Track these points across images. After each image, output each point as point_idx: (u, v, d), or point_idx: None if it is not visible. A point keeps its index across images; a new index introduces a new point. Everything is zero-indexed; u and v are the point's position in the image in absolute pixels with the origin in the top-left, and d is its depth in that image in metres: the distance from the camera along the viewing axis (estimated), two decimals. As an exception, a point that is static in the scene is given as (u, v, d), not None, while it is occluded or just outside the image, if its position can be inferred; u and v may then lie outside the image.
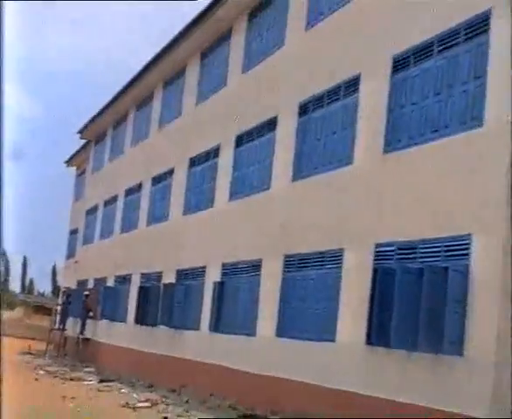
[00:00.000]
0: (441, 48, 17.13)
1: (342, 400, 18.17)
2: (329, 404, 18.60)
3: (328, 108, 21.33)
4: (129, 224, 38.70)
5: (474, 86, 15.92)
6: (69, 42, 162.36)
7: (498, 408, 14.14)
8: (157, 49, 34.90)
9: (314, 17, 23.02)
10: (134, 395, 23.58)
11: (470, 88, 16.07)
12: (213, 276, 26.89)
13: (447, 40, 16.94)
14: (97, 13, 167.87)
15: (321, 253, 20.43)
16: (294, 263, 21.80)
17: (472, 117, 15.82)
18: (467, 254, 15.26)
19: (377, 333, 17.35)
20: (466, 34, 16.42)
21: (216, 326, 26.08)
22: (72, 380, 28.40)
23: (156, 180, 35.21)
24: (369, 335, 17.63)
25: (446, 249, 15.89)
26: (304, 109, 22.60)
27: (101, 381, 28.38)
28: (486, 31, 15.81)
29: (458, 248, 15.51)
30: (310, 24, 23.22)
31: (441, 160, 16.59)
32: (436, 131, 16.85)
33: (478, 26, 16.05)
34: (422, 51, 17.73)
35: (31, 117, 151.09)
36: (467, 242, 15.31)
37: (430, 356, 15.73)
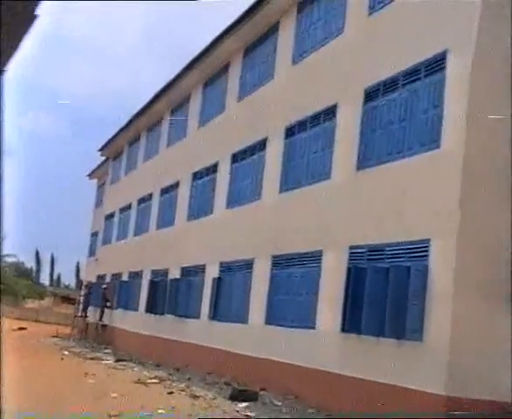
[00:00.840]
0: (405, 82, 17.19)
1: (321, 378, 18.22)
2: (309, 381, 18.65)
3: (310, 131, 21.38)
4: (141, 228, 38.67)
5: (433, 114, 15.98)
6: (93, 74, 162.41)
7: (451, 385, 14.21)
8: (166, 80, 35.26)
9: (299, 54, 23.08)
10: (145, 373, 23.54)
11: (429, 116, 16.13)
12: (212, 272, 26.90)
13: (410, 76, 17.01)
14: (112, 49, 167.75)
15: (303, 254, 20.47)
16: (280, 262, 21.82)
17: (431, 140, 15.87)
18: (426, 256, 15.31)
19: (350, 322, 17.39)
20: (426, 71, 16.50)
21: (214, 314, 26.09)
22: (92, 359, 28.35)
23: (164, 191, 35.20)
24: (343, 323, 17.66)
25: (408, 251, 15.93)
26: (290, 132, 22.65)
27: (117, 360, 28.31)
28: (442, 69, 15.88)
29: (418, 250, 15.55)
30: (296, 59, 23.27)
31: (405, 176, 16.64)
32: (400, 152, 16.89)
33: (436, 64, 16.13)
34: (389, 85, 17.79)
35: (60, 139, 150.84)
36: (426, 245, 15.36)
37: (394, 341, 15.78)
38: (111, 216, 46.55)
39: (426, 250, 15.33)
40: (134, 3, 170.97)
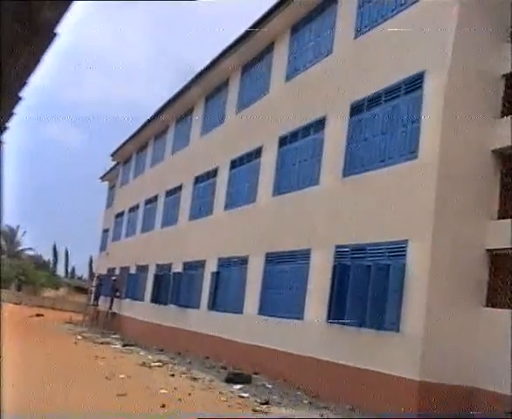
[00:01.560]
0: (387, 98, 17.23)
1: (308, 363, 18.25)
2: (298, 367, 18.68)
3: (301, 141, 21.41)
4: (147, 226, 38.65)
5: (411, 128, 16.02)
6: (105, 87, 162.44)
7: (424, 371, 14.25)
8: (171, 93, 35.42)
9: (292, 71, 23.11)
10: (149, 357, 23.54)
11: (408, 129, 16.16)
12: (211, 267, 26.90)
13: (392, 92, 17.05)
14: (123, 64, 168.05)
15: (293, 252, 20.49)
16: (273, 259, 21.83)
17: (409, 151, 15.91)
18: (403, 255, 15.34)
19: (335, 313, 17.42)
20: (405, 88, 16.53)
21: (212, 305, 26.09)
22: (102, 344, 28.33)
23: (169, 193, 35.20)
24: (328, 315, 17.69)
25: (388, 250, 15.96)
26: (283, 142, 22.67)
27: (124, 345, 28.28)
28: (420, 87, 15.92)
29: (397, 250, 15.59)
30: (289, 76, 23.30)
31: (386, 182, 16.68)
32: (382, 161, 16.93)
33: (414, 83, 16.17)
34: (373, 100, 17.83)
35: (76, 145, 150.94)
36: (404, 246, 15.40)
37: (374, 331, 15.81)
38: (120, 215, 46.55)
39: (404, 250, 15.37)
40: (144, 23, 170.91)
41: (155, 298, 33.58)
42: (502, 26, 16.11)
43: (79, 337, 31.05)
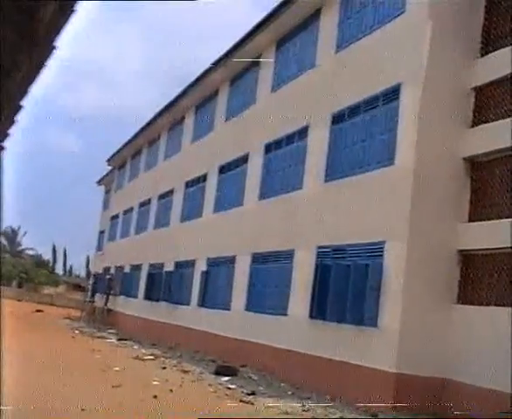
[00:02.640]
0: (366, 109, 17.27)
1: (291, 357, 18.26)
2: (282, 360, 18.68)
3: (286, 148, 21.42)
4: (141, 228, 38.57)
5: (389, 136, 16.07)
6: (102, 96, 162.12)
7: (400, 364, 14.29)
8: (164, 103, 35.38)
9: (277, 83, 23.13)
10: (143, 351, 23.48)
11: (386, 137, 16.21)
12: (201, 266, 26.86)
13: (370, 103, 17.09)
14: (118, 75, 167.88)
15: (278, 252, 20.49)
16: (258, 258, 21.83)
17: (387, 158, 15.96)
18: (381, 255, 15.38)
19: (317, 310, 17.46)
20: (383, 100, 16.59)
21: (202, 302, 26.05)
22: (98, 338, 28.26)
23: (161, 197, 35.13)
24: (311, 311, 17.72)
25: (367, 251, 15.99)
26: (268, 149, 22.68)
27: (119, 339, 28.21)
28: (397, 98, 15.98)
29: (375, 251, 15.62)
30: (274, 88, 23.33)
31: (365, 188, 16.72)
32: (362, 167, 16.97)
33: (392, 95, 16.22)
34: (353, 110, 17.86)
35: (74, 151, 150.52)
36: (381, 246, 15.43)
37: (354, 327, 15.85)
38: (116, 217, 46.41)
39: (382, 251, 15.41)
40: (139, 36, 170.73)
41: (148, 296, 33.51)
42: (473, 43, 16.22)
43: (77, 332, 30.97)
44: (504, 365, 13.35)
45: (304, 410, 13.42)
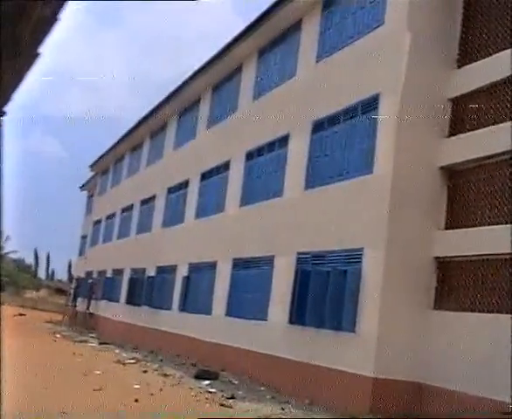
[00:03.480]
0: (346, 118, 17.33)
1: (271, 361, 18.24)
2: (262, 364, 18.66)
3: (267, 156, 21.45)
4: (123, 233, 38.44)
5: (368, 145, 16.12)
6: (85, 103, 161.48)
7: (378, 368, 14.32)
8: (147, 108, 35.37)
9: (259, 92, 23.16)
10: (124, 354, 23.39)
11: (364, 146, 16.27)
12: (182, 272, 26.79)
13: (350, 112, 17.15)
14: (101, 82, 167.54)
15: (259, 258, 20.48)
16: (239, 264, 21.81)
17: (365, 166, 16.00)
18: (360, 261, 15.41)
19: (296, 315, 17.46)
20: (362, 109, 16.64)
21: (183, 307, 25.99)
22: (79, 342, 28.10)
23: (143, 202, 35.02)
24: (290, 316, 17.71)
25: (345, 257, 16.03)
26: (250, 156, 22.70)
27: (101, 343, 28.07)
28: (376, 108, 16.04)
29: (354, 257, 15.65)
30: (255, 96, 23.36)
31: (344, 195, 16.76)
32: (341, 175, 17.01)
33: (370, 104, 16.28)
34: (332, 119, 17.91)
35: (57, 156, 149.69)
36: (360, 253, 15.47)
37: (333, 332, 15.86)
38: (98, 222, 46.23)
39: (360, 257, 15.44)
40: (120, 44, 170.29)
41: (130, 300, 33.38)
42: (450, 55, 16.34)
43: (59, 335, 30.79)
44: (479, 369, 13.43)
45: (283, 414, 13.41)
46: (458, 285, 15.03)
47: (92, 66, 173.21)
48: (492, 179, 14.71)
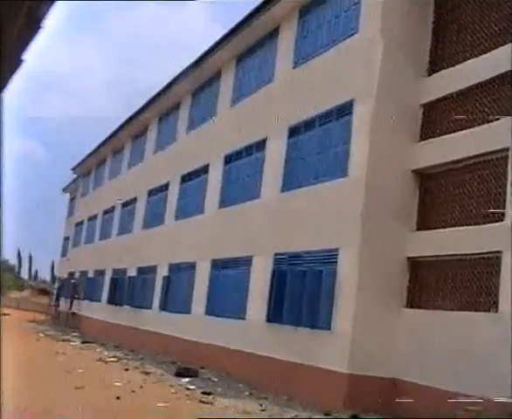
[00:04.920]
0: (321, 122, 17.40)
1: (249, 359, 18.25)
2: (240, 362, 18.67)
3: (245, 159, 21.46)
4: (105, 234, 38.25)
5: (342, 149, 16.20)
6: (68, 107, 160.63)
7: (352, 365, 14.39)
8: (127, 113, 35.29)
9: (237, 97, 23.18)
10: (106, 353, 23.26)
11: (339, 150, 16.34)
12: (163, 272, 26.72)
13: (325, 117, 17.22)
14: (83, 87, 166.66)
15: (237, 258, 20.49)
16: (218, 264, 21.80)
17: (340, 169, 16.08)
18: (335, 262, 15.46)
19: (274, 314, 17.50)
20: (337, 114, 16.73)
21: (163, 306, 25.92)
22: (63, 341, 27.90)
23: (125, 204, 34.87)
24: (268, 315, 17.76)
25: (321, 258, 16.08)
26: (228, 159, 22.70)
27: (83, 342, 27.89)
28: (350, 113, 16.13)
29: (329, 257, 15.70)
30: (234, 101, 23.37)
31: (320, 198, 16.81)
32: (316, 178, 17.07)
33: (345, 109, 16.37)
34: (308, 124, 17.97)
35: (40, 159, 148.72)
36: (335, 254, 15.53)
37: (309, 330, 15.90)
38: (80, 223, 45.97)
39: (335, 258, 15.50)
40: (101, 50, 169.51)
41: (112, 300, 33.23)
42: (421, 62, 16.50)
43: (42, 335, 30.57)
44: (448, 365, 13.55)
45: (261, 410, 13.43)
46: (429, 283, 15.16)
47: (73, 71, 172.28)
48: (461, 182, 14.86)
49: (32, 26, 4.41)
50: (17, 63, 5.09)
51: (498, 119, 14.05)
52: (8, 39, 4.44)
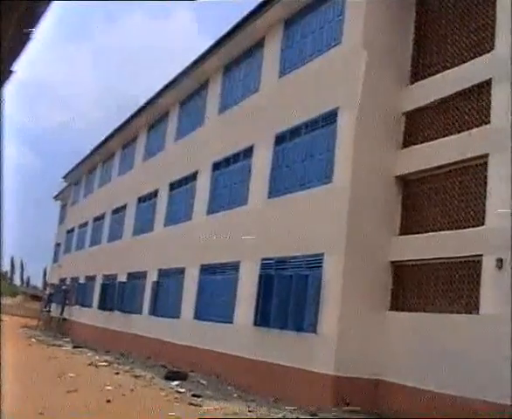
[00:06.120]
0: (307, 130, 17.45)
1: (237, 362, 18.23)
2: (228, 365, 18.65)
3: (232, 167, 21.48)
4: (95, 241, 38.11)
5: (327, 156, 16.25)
6: (59, 117, 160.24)
7: (338, 366, 14.41)
8: (117, 122, 35.27)
9: (224, 106, 23.21)
10: (97, 357, 23.18)
11: (324, 158, 16.39)
12: (152, 277, 26.65)
13: (311, 126, 17.28)
14: (73, 97, 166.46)
15: (225, 264, 20.47)
16: (207, 270, 21.77)
17: (325, 176, 16.13)
18: (320, 266, 15.50)
19: (261, 318, 17.50)
20: (322, 122, 16.78)
21: (153, 311, 25.85)
22: (54, 345, 27.79)
23: (115, 211, 34.77)
24: (255, 319, 17.75)
25: (307, 263, 16.10)
26: (216, 166, 22.70)
27: (74, 347, 27.80)
28: (335, 121, 16.20)
29: (315, 262, 15.74)
30: (221, 110, 23.39)
31: (305, 204, 16.84)
32: (303, 184, 17.11)
33: (330, 118, 16.44)
34: (294, 132, 18.02)
35: (31, 167, 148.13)
36: (320, 258, 15.56)
37: (295, 333, 15.91)
38: (71, 230, 45.80)
39: (321, 262, 15.53)
40: (90, 60, 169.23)
41: (102, 305, 33.09)
42: (403, 72, 16.61)
43: (34, 340, 30.42)
44: (429, 366, 13.61)
45: (249, 411, 13.42)
46: (412, 287, 15.23)
47: (63, 80, 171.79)
48: (442, 188, 14.95)
49: (23, 38, 4.41)
50: (8, 73, 5.09)
51: (477, 126, 14.18)
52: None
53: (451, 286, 14.10)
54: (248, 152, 20.49)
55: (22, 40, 4.46)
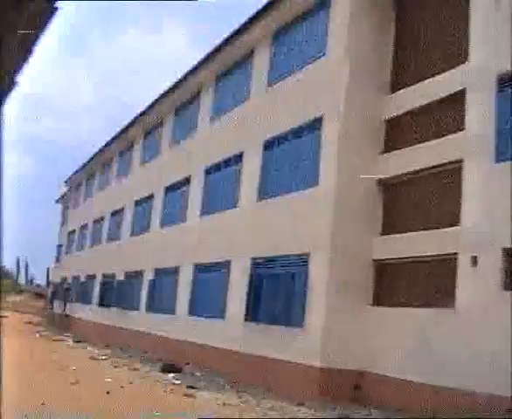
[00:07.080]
0: (293, 137, 17.46)
1: (229, 355, 18.21)
2: (221, 358, 18.63)
3: (223, 172, 21.47)
4: (95, 242, 37.98)
5: (313, 162, 16.26)
6: (60, 125, 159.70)
7: (324, 359, 14.43)
8: (115, 129, 35.13)
9: (216, 114, 23.20)
10: (96, 351, 23.12)
11: (310, 163, 16.40)
12: (149, 276, 26.60)
13: (297, 133, 17.30)
14: (71, 107, 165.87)
15: (217, 263, 20.43)
16: (200, 268, 21.73)
17: (311, 180, 16.14)
18: (307, 265, 15.50)
19: (251, 313, 17.50)
20: (308, 130, 16.80)
21: (150, 307, 25.78)
22: (56, 340, 27.71)
23: (114, 214, 34.68)
24: (246, 315, 17.74)
25: (295, 261, 16.10)
26: (208, 172, 22.69)
27: (76, 341, 27.72)
28: (320, 128, 16.23)
29: (302, 261, 15.74)
30: (213, 118, 23.39)
31: (293, 206, 16.84)
32: (290, 188, 17.11)
33: (315, 125, 16.47)
34: (281, 138, 18.03)
35: (35, 173, 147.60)
36: (307, 258, 15.57)
37: (284, 328, 15.92)
38: (72, 232, 45.63)
39: (307, 261, 15.55)
40: (89, 72, 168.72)
41: (102, 302, 32.99)
42: (384, 82, 16.66)
43: (38, 335, 30.31)
44: (410, 357, 13.66)
45: (241, 402, 13.43)
46: (393, 283, 15.27)
47: (63, 92, 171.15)
48: (422, 190, 15.00)
49: (25, 51, 4.41)
50: (12, 85, 5.08)
51: (453, 133, 14.25)
52: (2, 64, 4.43)
53: (429, 282, 14.15)
54: (238, 157, 20.49)
55: (25, 53, 4.46)
